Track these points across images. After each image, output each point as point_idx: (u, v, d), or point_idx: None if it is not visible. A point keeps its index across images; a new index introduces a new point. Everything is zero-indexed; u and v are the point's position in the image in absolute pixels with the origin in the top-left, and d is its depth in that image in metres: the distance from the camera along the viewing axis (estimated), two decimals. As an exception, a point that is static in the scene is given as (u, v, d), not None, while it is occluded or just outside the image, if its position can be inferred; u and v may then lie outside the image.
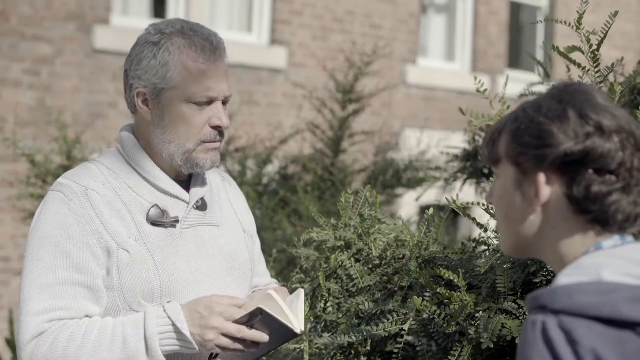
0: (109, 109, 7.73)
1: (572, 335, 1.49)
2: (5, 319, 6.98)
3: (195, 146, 2.35)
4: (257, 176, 5.95)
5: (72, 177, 2.35)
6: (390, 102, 9.82)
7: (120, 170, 2.38)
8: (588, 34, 2.71)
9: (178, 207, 2.39)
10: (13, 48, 7.21)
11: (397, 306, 2.63)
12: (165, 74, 2.32)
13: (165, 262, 2.32)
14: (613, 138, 1.60)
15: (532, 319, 1.55)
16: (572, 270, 1.59)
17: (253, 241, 2.60)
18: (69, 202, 2.29)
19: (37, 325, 2.21)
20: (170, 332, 2.24)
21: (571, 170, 1.61)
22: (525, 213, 1.66)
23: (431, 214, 2.82)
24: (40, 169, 5.68)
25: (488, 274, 2.55)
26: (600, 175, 1.60)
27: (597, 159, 1.59)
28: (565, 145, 1.60)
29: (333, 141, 6.10)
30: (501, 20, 11.30)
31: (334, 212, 4.87)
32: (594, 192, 1.60)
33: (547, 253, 1.68)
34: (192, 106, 2.33)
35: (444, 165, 5.17)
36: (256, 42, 8.93)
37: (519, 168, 1.66)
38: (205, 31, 2.37)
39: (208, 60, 2.33)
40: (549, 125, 1.62)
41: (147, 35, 2.37)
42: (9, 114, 7.15)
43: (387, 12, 9.95)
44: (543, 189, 1.63)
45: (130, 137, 2.42)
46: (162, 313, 2.26)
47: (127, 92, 2.40)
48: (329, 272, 2.82)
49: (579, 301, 1.52)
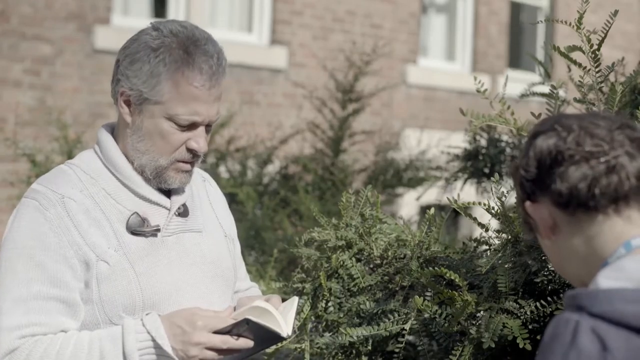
0: (110, 109, 7.72)
1: (605, 343, 1.43)
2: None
3: (168, 164, 2.24)
4: (257, 176, 5.95)
5: (47, 184, 2.22)
6: (390, 102, 9.82)
7: (97, 175, 2.26)
8: (589, 33, 2.71)
9: (159, 214, 2.28)
10: (13, 48, 7.21)
11: (398, 306, 2.64)
12: (155, 85, 2.19)
13: (147, 273, 2.21)
14: (558, 131, 1.65)
15: (566, 316, 1.49)
16: (613, 272, 1.54)
17: (234, 245, 2.50)
18: (44, 211, 2.16)
19: (9, 341, 2.10)
20: (150, 348, 2.14)
21: (541, 183, 1.66)
22: (551, 245, 1.69)
23: (432, 214, 2.82)
24: (40, 168, 5.68)
25: (489, 274, 2.55)
26: (558, 168, 1.63)
27: (546, 158, 1.64)
28: (521, 171, 1.69)
29: (333, 141, 6.10)
30: (501, 21, 11.30)
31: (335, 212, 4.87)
32: (560, 184, 1.62)
33: (582, 270, 1.67)
34: (174, 125, 2.21)
35: (445, 165, 5.18)
36: (256, 42, 8.93)
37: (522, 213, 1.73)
38: (209, 49, 2.22)
39: (203, 85, 2.19)
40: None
41: (147, 36, 2.25)
42: (9, 113, 7.15)
43: (387, 12, 9.95)
44: (537, 213, 1.68)
45: (109, 138, 2.30)
46: (141, 327, 2.15)
47: (113, 83, 2.30)
48: (330, 271, 2.82)
49: (620, 309, 1.46)
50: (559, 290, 2.50)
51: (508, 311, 2.46)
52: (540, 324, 2.47)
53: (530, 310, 2.44)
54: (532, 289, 2.53)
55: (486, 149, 4.64)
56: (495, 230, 2.66)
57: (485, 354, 2.46)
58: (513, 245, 2.57)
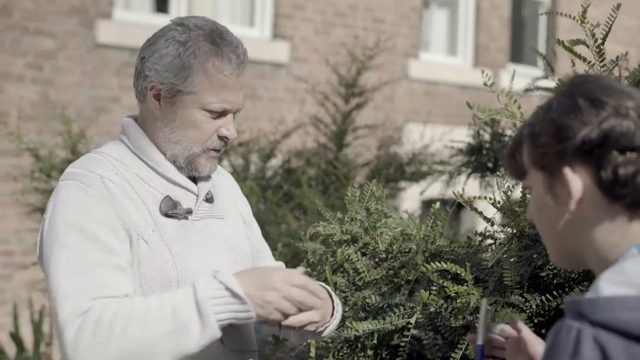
0: (112, 103, 7.74)
1: (606, 352, 1.41)
2: (9, 314, 6.99)
3: (200, 152, 2.35)
4: (260, 170, 5.95)
5: (84, 166, 2.30)
6: (392, 97, 9.83)
7: (128, 161, 2.35)
8: (592, 27, 2.72)
9: (188, 199, 2.38)
10: (16, 42, 7.22)
11: (403, 300, 2.64)
12: (187, 77, 2.29)
13: (181, 254, 2.29)
14: (630, 115, 1.56)
15: (568, 323, 1.47)
16: (614, 275, 1.51)
17: (251, 229, 2.57)
18: (87, 188, 2.23)
19: (78, 304, 2.12)
20: (224, 297, 2.14)
21: (595, 157, 1.56)
22: (562, 215, 1.61)
23: (437, 208, 2.82)
24: (44, 163, 5.68)
25: (495, 268, 2.56)
26: (625, 155, 1.55)
27: (618, 138, 1.55)
28: (582, 133, 1.56)
29: (336, 135, 6.10)
30: (503, 15, 11.30)
31: (338, 206, 4.88)
32: (623, 173, 1.55)
33: (589, 255, 1.61)
34: (206, 113, 2.32)
35: (448, 159, 5.18)
36: (258, 36, 8.93)
37: (545, 171, 1.62)
38: (233, 40, 2.33)
39: (232, 73, 2.31)
40: (563, 119, 1.59)
41: (173, 32, 2.33)
42: (12, 108, 7.16)
43: (389, 6, 9.95)
44: (573, 183, 1.58)
45: (137, 128, 2.40)
46: (212, 279, 2.16)
47: (139, 80, 2.36)
48: (335, 265, 2.83)
49: (622, 317, 1.43)
50: (564, 284, 2.51)
51: (513, 305, 2.46)
52: (546, 318, 2.48)
53: (535, 304, 2.45)
54: (538, 283, 2.54)
55: (490, 143, 4.64)
56: (500, 224, 2.67)
57: (491, 347, 2.47)
58: (518, 239, 2.58)
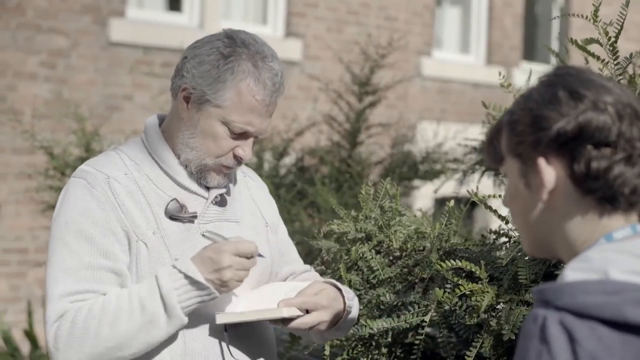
0: (125, 101, 7.75)
1: (572, 335, 1.45)
2: (23, 311, 7.01)
3: (212, 165, 2.37)
4: (274, 168, 5.96)
5: (94, 165, 2.36)
6: (405, 95, 9.82)
7: (141, 160, 2.39)
8: (605, 25, 2.72)
9: (197, 202, 2.39)
10: (29, 41, 7.24)
11: (417, 298, 2.65)
12: (219, 90, 2.31)
13: (182, 257, 2.30)
14: (608, 110, 1.57)
15: (534, 312, 1.51)
16: (579, 263, 1.55)
17: (276, 231, 2.58)
18: (92, 189, 2.30)
19: (61, 306, 2.23)
20: (186, 285, 2.22)
21: (569, 149, 1.58)
22: (535, 204, 1.64)
23: (452, 206, 2.83)
24: (58, 161, 5.70)
25: (509, 266, 2.56)
26: (599, 150, 1.57)
27: (593, 132, 1.56)
28: (558, 125, 1.58)
29: (350, 133, 6.10)
30: (516, 12, 11.27)
31: (352, 204, 4.88)
32: (595, 168, 1.57)
33: (560, 245, 1.65)
34: (227, 130, 2.33)
35: (462, 157, 5.18)
36: (271, 34, 8.93)
37: (520, 159, 1.64)
38: (275, 66, 2.35)
39: (263, 100, 2.32)
40: (540, 109, 1.61)
41: (219, 42, 2.35)
42: (26, 106, 7.18)
43: (401, 4, 9.94)
44: (546, 173, 1.60)
45: (156, 128, 2.43)
46: (173, 269, 2.24)
47: (176, 77, 2.39)
48: (350, 263, 2.83)
49: (583, 301, 1.48)
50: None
51: (528, 303, 2.46)
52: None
53: (550, 302, 2.45)
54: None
55: (503, 141, 4.63)
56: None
57: (505, 345, 2.47)
58: (533, 238, 2.57)
